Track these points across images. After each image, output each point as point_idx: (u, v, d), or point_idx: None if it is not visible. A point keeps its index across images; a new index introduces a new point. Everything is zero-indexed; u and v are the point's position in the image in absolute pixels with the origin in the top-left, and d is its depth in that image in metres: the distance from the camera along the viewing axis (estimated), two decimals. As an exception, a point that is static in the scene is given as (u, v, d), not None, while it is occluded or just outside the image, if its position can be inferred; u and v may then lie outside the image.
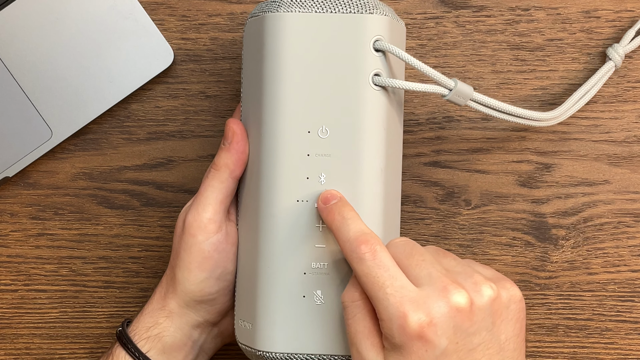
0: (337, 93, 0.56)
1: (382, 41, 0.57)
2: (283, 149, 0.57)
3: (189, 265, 0.60)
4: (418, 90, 0.57)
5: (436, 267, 0.53)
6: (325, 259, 0.56)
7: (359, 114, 0.56)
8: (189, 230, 0.60)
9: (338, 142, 0.56)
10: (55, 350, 0.70)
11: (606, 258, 0.69)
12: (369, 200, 0.57)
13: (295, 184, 0.57)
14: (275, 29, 0.57)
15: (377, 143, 0.57)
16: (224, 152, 0.59)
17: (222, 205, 0.60)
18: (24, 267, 0.69)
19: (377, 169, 0.57)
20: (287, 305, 0.56)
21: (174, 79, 0.70)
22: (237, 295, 0.60)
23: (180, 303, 0.61)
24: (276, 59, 0.57)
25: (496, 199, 0.69)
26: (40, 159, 0.69)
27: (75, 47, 0.68)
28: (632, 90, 0.69)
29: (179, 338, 0.61)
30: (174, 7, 0.69)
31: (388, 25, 0.57)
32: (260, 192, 0.57)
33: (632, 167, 0.69)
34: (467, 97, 0.59)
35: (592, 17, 0.69)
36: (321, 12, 0.56)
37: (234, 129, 0.59)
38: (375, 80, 0.57)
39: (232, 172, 0.59)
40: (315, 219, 0.56)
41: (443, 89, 0.58)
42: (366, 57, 0.57)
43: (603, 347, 0.69)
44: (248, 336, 0.58)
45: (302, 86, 0.56)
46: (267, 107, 0.57)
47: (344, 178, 0.56)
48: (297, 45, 0.56)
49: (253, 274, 0.58)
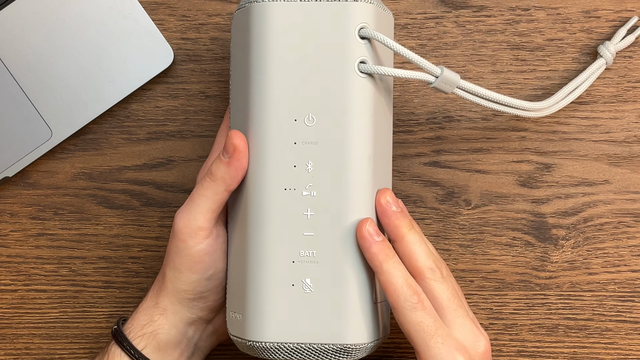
0: (323, 81, 0.56)
1: (367, 28, 0.57)
2: (270, 138, 0.57)
3: (180, 267, 0.60)
4: (404, 77, 0.58)
5: (467, 313, 0.58)
6: (313, 247, 0.57)
7: (345, 101, 0.57)
8: (179, 236, 0.60)
9: (325, 130, 0.56)
10: (55, 350, 0.70)
11: (606, 258, 0.69)
12: (357, 188, 0.57)
13: (283, 173, 0.57)
14: (261, 18, 0.57)
15: (363, 130, 0.57)
16: (223, 166, 0.58)
17: (214, 214, 0.59)
18: (24, 267, 0.69)
19: (364, 157, 0.57)
20: (276, 294, 0.57)
21: (174, 79, 0.70)
22: (228, 288, 0.61)
23: (173, 300, 0.61)
24: (262, 48, 0.57)
25: (496, 199, 0.69)
26: (40, 159, 0.69)
27: (75, 47, 0.68)
28: (632, 90, 0.69)
29: (173, 335, 0.61)
30: (174, 7, 0.69)
31: (373, 13, 0.57)
32: (247, 181, 0.58)
33: (632, 167, 0.69)
34: (453, 85, 0.59)
35: (592, 17, 0.69)
36: (306, 1, 0.57)
37: (236, 144, 0.58)
38: (361, 67, 0.57)
39: (228, 186, 0.58)
40: (303, 207, 0.57)
41: (429, 76, 0.59)
42: (351, 44, 0.57)
43: (603, 347, 0.69)
44: (239, 327, 0.58)
45: (288, 74, 0.57)
46: (253, 96, 0.57)
47: (331, 166, 0.56)
48: (282, 34, 0.57)
49: (242, 264, 0.58)
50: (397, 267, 0.56)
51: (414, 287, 0.56)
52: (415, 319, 0.56)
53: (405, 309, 0.56)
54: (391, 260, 0.56)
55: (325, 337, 0.57)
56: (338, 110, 0.56)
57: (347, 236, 0.57)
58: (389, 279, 0.56)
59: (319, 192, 0.57)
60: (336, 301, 0.57)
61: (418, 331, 0.56)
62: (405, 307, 0.56)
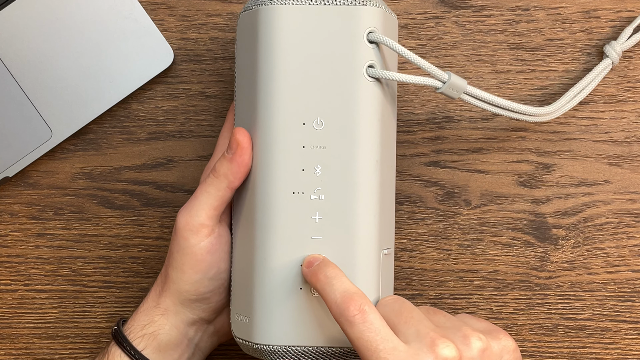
0: (332, 85, 0.56)
1: (375, 33, 0.57)
2: (278, 141, 0.57)
3: (182, 266, 0.60)
4: (412, 82, 0.58)
5: (424, 324, 0.53)
6: (321, 251, 0.56)
7: (353, 105, 0.57)
8: (181, 233, 0.60)
9: (333, 134, 0.56)
10: (55, 350, 0.70)
11: (606, 258, 0.69)
12: (365, 191, 0.57)
13: (291, 176, 0.57)
14: (269, 21, 0.57)
15: (372, 134, 0.57)
16: (227, 162, 0.58)
17: (216, 211, 0.59)
18: (24, 267, 0.69)
19: (372, 160, 0.57)
20: (283, 298, 0.56)
21: (174, 79, 0.70)
22: (232, 290, 0.60)
23: (174, 301, 0.61)
24: (270, 52, 0.57)
25: (496, 199, 0.69)
26: (40, 159, 0.69)
27: (75, 47, 0.68)
28: (632, 90, 0.69)
29: (174, 336, 0.61)
30: (174, 7, 0.69)
31: (381, 17, 0.57)
32: (255, 185, 0.58)
33: (632, 167, 0.69)
34: (460, 90, 0.59)
35: (592, 17, 0.69)
36: (314, 4, 0.56)
37: (239, 140, 0.58)
38: (369, 71, 0.57)
39: (230, 182, 0.58)
40: (311, 211, 0.57)
41: (436, 81, 0.59)
42: (360, 48, 0.57)
43: (603, 347, 0.69)
44: (245, 330, 0.58)
45: (296, 78, 0.56)
46: (261, 100, 0.57)
47: (339, 169, 0.56)
48: (290, 37, 0.57)
49: (249, 267, 0.58)
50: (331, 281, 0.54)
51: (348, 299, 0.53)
52: (355, 334, 0.52)
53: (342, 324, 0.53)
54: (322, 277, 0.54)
55: (333, 340, 0.57)
56: (346, 114, 0.56)
57: (355, 240, 0.57)
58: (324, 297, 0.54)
59: (327, 196, 0.57)
60: None
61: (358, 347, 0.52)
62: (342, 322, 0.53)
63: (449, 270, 0.69)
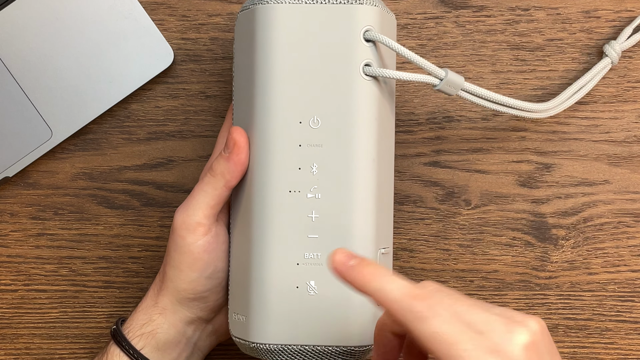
0: (328, 83, 0.56)
1: (372, 31, 0.57)
2: (275, 140, 0.57)
3: (180, 265, 0.60)
4: (409, 80, 0.58)
5: (490, 310, 0.49)
6: (318, 250, 0.56)
7: (350, 104, 0.57)
8: (178, 231, 0.60)
9: (329, 132, 0.56)
10: (55, 350, 0.70)
11: (606, 258, 0.69)
12: (362, 190, 0.57)
13: (287, 175, 0.57)
14: (266, 20, 0.57)
15: (368, 133, 0.57)
16: (224, 161, 0.58)
17: (213, 210, 0.60)
18: (24, 267, 0.70)
19: (369, 159, 0.57)
20: (280, 297, 0.57)
21: (174, 79, 0.70)
22: (230, 289, 0.61)
23: (172, 300, 0.61)
24: (267, 50, 0.57)
25: (496, 199, 0.69)
26: (40, 159, 0.69)
27: (75, 47, 0.68)
28: (632, 90, 0.69)
29: (172, 335, 0.61)
30: (174, 7, 0.69)
31: (378, 16, 0.57)
32: (252, 183, 0.58)
33: (632, 167, 0.69)
34: (458, 87, 0.59)
35: (592, 17, 0.69)
36: (311, 3, 0.57)
37: (236, 139, 0.58)
38: (366, 70, 0.57)
39: (227, 182, 0.59)
40: (308, 210, 0.57)
41: (434, 78, 0.59)
42: (357, 47, 0.57)
43: (603, 347, 0.69)
44: (242, 329, 0.58)
45: (293, 77, 0.57)
46: (258, 99, 0.57)
47: (336, 168, 0.56)
48: (287, 36, 0.57)
49: (246, 266, 0.58)
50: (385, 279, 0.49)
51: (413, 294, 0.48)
52: (427, 330, 0.47)
53: (411, 321, 0.48)
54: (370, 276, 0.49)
55: (330, 339, 0.57)
56: (343, 113, 0.56)
57: (351, 239, 0.57)
58: (379, 297, 0.49)
59: (323, 195, 0.57)
60: (340, 304, 0.56)
61: (432, 343, 0.47)
62: (411, 320, 0.48)
63: (449, 270, 0.69)
